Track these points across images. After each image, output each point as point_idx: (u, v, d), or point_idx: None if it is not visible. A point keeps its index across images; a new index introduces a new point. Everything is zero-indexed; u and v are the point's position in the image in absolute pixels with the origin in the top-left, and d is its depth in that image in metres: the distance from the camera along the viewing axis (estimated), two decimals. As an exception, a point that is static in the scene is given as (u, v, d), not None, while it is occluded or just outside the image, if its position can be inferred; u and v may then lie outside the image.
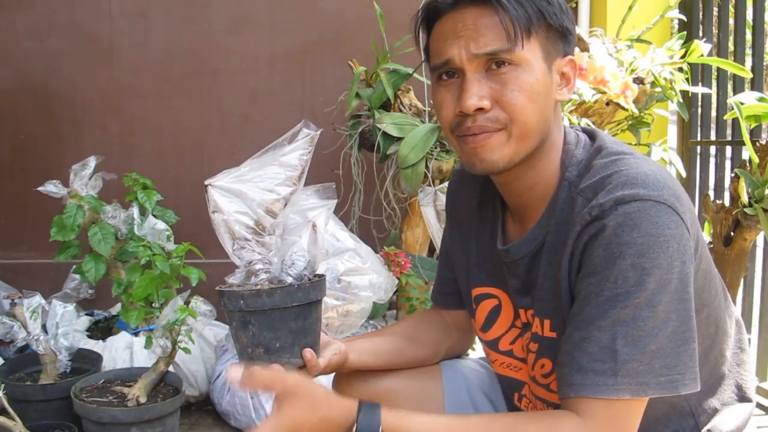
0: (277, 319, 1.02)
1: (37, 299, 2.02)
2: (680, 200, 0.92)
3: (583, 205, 0.96)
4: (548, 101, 1.00)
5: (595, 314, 0.89)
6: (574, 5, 2.86)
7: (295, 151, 0.96)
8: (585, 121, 2.17)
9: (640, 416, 0.90)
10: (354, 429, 0.89)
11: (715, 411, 1.07)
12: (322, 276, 1.08)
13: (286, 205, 0.98)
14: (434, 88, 1.04)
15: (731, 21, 2.59)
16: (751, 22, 2.39)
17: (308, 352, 1.06)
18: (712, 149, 2.68)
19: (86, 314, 2.54)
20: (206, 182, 0.98)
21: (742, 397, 1.10)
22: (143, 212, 2.25)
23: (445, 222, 1.34)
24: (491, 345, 1.19)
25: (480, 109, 0.97)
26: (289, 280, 1.04)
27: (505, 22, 0.95)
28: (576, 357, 0.90)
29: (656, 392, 0.87)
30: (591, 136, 1.08)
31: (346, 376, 1.26)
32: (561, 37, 1.01)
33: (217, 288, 1.04)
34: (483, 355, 1.31)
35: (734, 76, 2.41)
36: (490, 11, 0.96)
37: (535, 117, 0.98)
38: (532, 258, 1.06)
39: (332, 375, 1.29)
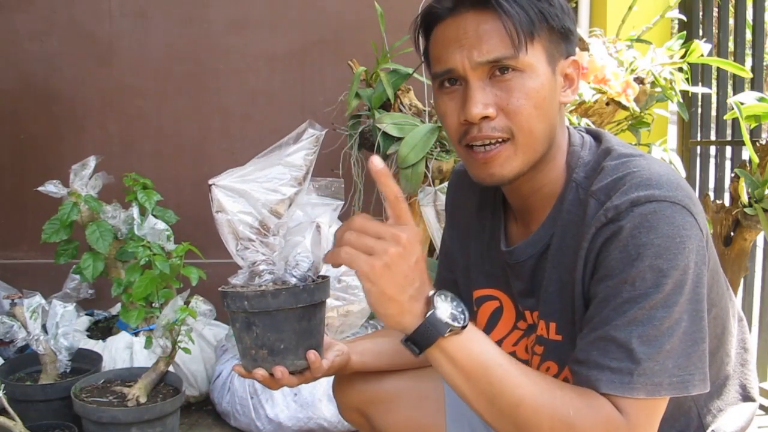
0: (282, 321, 1.02)
1: (37, 299, 2.02)
2: (693, 201, 0.92)
3: (596, 207, 0.95)
4: (553, 105, 0.99)
5: (612, 315, 0.89)
6: (574, 5, 2.86)
7: (300, 151, 0.96)
8: (585, 121, 2.17)
9: (659, 417, 0.90)
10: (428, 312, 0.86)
11: (720, 411, 1.07)
12: (326, 277, 1.07)
13: (290, 205, 0.98)
14: (437, 95, 1.03)
15: (731, 21, 2.59)
16: (751, 22, 2.40)
17: (312, 354, 1.06)
18: (712, 149, 2.68)
19: (86, 314, 2.54)
20: (210, 182, 0.98)
21: (746, 397, 1.10)
22: (143, 212, 2.25)
23: (444, 222, 1.33)
24: None
25: (485, 117, 0.96)
26: (293, 281, 1.03)
27: (509, 27, 0.93)
28: (592, 356, 0.90)
29: (669, 392, 0.87)
30: (596, 137, 1.07)
31: (347, 377, 1.26)
32: (563, 39, 1.00)
33: (220, 289, 1.03)
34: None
35: (734, 76, 2.41)
36: (491, 16, 0.94)
37: (540, 124, 0.97)
38: (537, 260, 1.05)
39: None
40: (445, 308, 0.87)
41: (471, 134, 0.97)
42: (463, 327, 0.88)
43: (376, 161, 0.86)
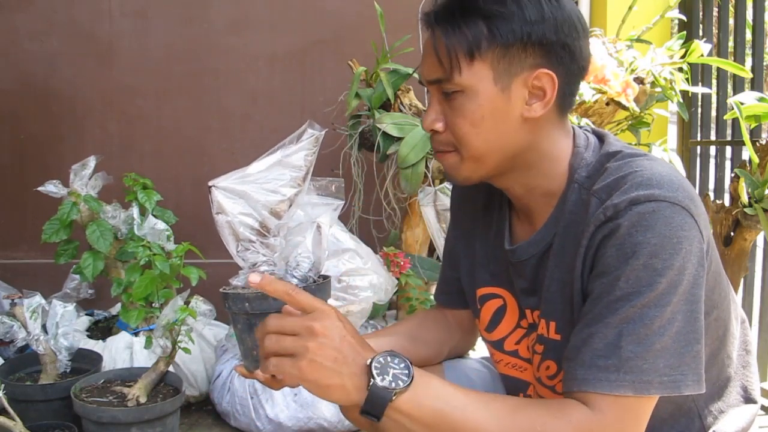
0: None
1: (37, 299, 2.02)
2: (694, 202, 0.92)
3: (597, 205, 0.95)
4: (501, 123, 0.98)
5: (604, 312, 0.90)
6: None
7: (300, 152, 0.96)
8: (585, 121, 2.17)
9: (647, 416, 0.90)
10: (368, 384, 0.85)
11: (721, 413, 1.07)
12: (327, 278, 1.07)
13: (290, 206, 0.98)
14: None
15: (731, 21, 2.59)
16: (751, 22, 2.40)
17: None
18: (712, 149, 2.68)
19: (86, 314, 2.54)
20: (210, 183, 0.98)
21: (748, 399, 1.10)
22: (143, 212, 2.25)
23: (449, 221, 1.34)
24: (496, 345, 1.19)
25: (435, 131, 1.02)
26: (294, 281, 1.03)
27: (439, 50, 0.96)
28: (581, 352, 0.90)
29: (659, 391, 0.87)
30: (600, 138, 1.07)
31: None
32: (532, 51, 0.95)
33: (221, 290, 1.03)
34: (485, 355, 1.31)
35: (734, 76, 2.41)
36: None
37: (480, 142, 0.99)
38: (540, 259, 1.06)
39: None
40: (386, 373, 0.86)
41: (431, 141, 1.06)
42: (410, 381, 0.86)
43: (252, 278, 0.88)
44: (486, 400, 0.90)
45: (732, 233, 1.84)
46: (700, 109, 2.71)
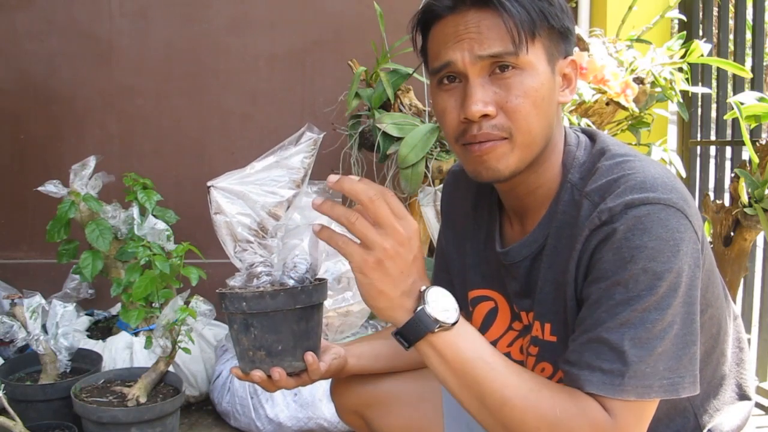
0: (280, 322, 1.01)
1: (37, 299, 2.02)
2: (688, 203, 0.91)
3: (590, 208, 0.94)
4: (552, 105, 0.99)
5: (604, 317, 0.89)
6: (574, 5, 2.86)
7: (298, 154, 0.96)
8: (585, 121, 2.17)
9: (649, 418, 0.90)
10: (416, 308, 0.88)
11: (717, 410, 1.07)
12: (323, 279, 1.07)
13: (288, 207, 0.98)
14: (435, 92, 1.02)
15: (731, 21, 2.59)
16: (751, 22, 2.39)
17: (310, 356, 1.05)
18: (712, 149, 2.68)
19: (86, 314, 2.54)
20: (209, 183, 0.98)
21: (742, 396, 1.10)
22: (143, 212, 2.26)
23: (440, 222, 1.33)
24: None
25: (485, 116, 0.95)
26: (291, 282, 1.03)
27: (510, 25, 0.92)
28: (585, 356, 0.90)
29: (659, 395, 0.87)
30: (591, 137, 1.07)
31: (345, 379, 1.26)
32: (562, 38, 0.99)
33: (217, 290, 1.03)
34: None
35: (734, 76, 2.41)
36: (492, 14, 0.93)
37: (539, 123, 0.96)
38: (532, 261, 1.05)
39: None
40: (436, 304, 0.89)
41: (470, 133, 0.97)
42: (454, 323, 0.89)
43: (316, 201, 0.90)
44: (518, 369, 0.91)
45: (732, 233, 1.84)
46: (700, 109, 2.71)
